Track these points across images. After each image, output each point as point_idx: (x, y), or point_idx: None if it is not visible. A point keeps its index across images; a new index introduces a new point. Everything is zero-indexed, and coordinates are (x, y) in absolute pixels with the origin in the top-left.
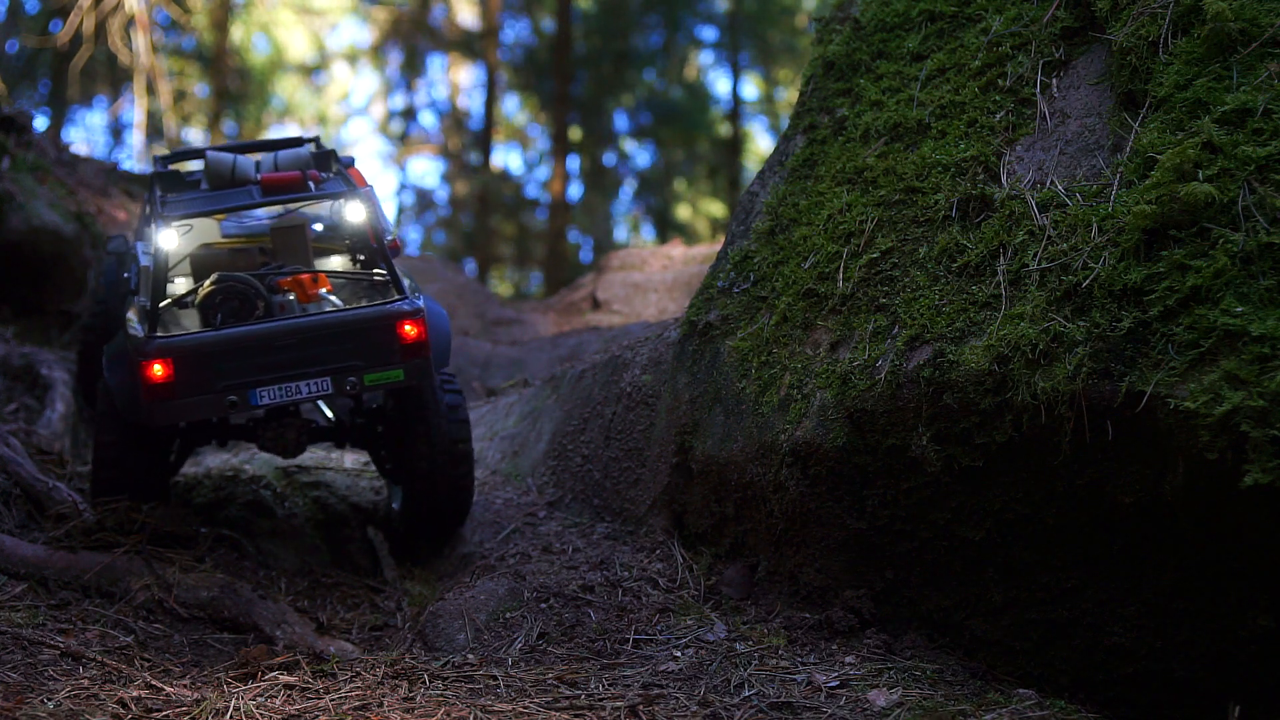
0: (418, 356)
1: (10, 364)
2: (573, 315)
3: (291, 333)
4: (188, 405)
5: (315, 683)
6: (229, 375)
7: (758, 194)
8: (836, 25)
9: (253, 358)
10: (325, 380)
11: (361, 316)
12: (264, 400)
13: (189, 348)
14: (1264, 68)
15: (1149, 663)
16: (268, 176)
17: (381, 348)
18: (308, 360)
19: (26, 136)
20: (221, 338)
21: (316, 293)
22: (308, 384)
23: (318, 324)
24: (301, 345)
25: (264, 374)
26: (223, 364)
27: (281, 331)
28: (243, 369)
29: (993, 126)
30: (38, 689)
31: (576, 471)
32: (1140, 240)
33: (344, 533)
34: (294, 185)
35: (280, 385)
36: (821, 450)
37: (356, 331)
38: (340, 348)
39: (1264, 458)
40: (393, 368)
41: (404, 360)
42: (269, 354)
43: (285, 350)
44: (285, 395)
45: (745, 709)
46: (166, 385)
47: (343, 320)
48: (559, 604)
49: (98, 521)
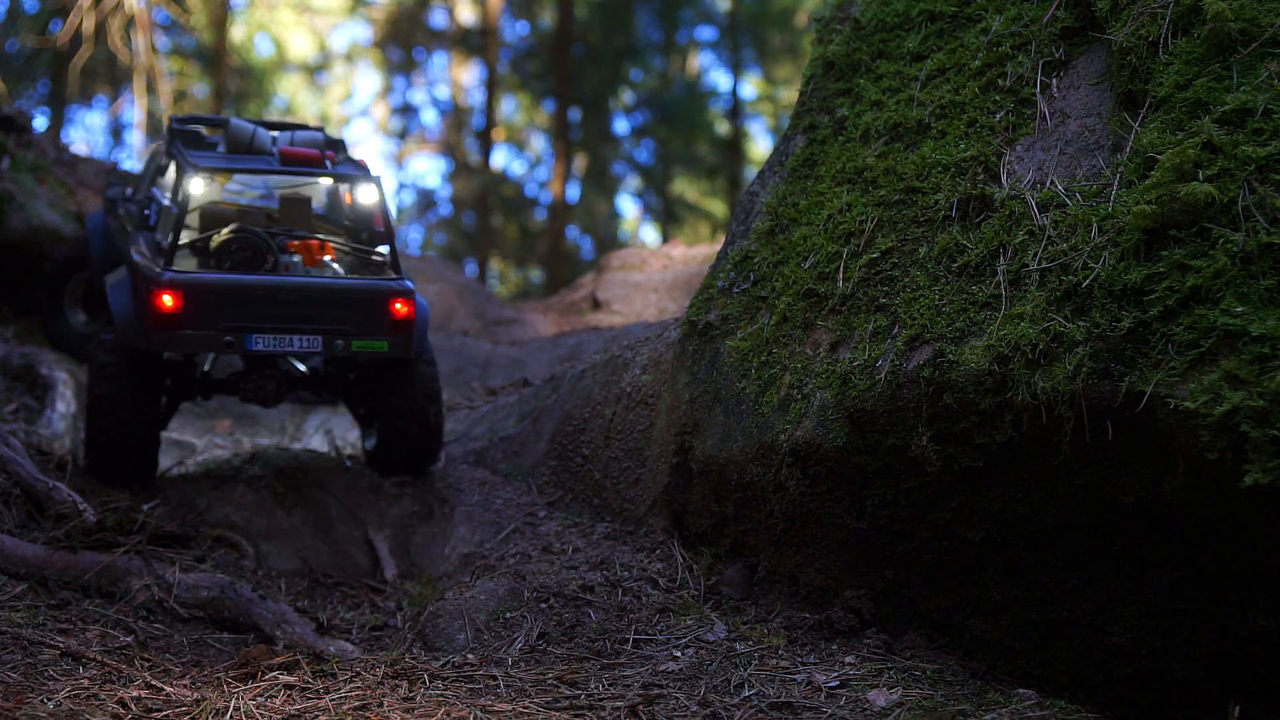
0: (404, 332)
1: (10, 364)
2: (573, 315)
3: (294, 289)
4: (189, 338)
5: (315, 683)
6: (231, 317)
7: (758, 194)
8: (836, 25)
9: (255, 305)
10: (317, 339)
11: (360, 287)
12: (258, 346)
13: (199, 284)
14: (1264, 68)
15: (1149, 663)
16: (287, 149)
17: (373, 319)
18: (304, 318)
19: (26, 136)
20: (230, 281)
21: (321, 259)
22: (300, 339)
23: (319, 286)
24: (301, 303)
25: (262, 322)
26: (227, 306)
27: (285, 286)
28: (244, 314)
29: (993, 126)
30: (38, 689)
31: (576, 471)
32: (1140, 240)
33: (344, 533)
34: (312, 160)
35: (275, 335)
36: (821, 450)
37: (353, 300)
38: (336, 312)
39: (1264, 458)
40: (380, 338)
41: (391, 333)
42: (270, 305)
43: (285, 304)
44: (278, 346)
45: (745, 709)
46: (173, 316)
47: (343, 287)
48: (559, 604)
49: (98, 521)
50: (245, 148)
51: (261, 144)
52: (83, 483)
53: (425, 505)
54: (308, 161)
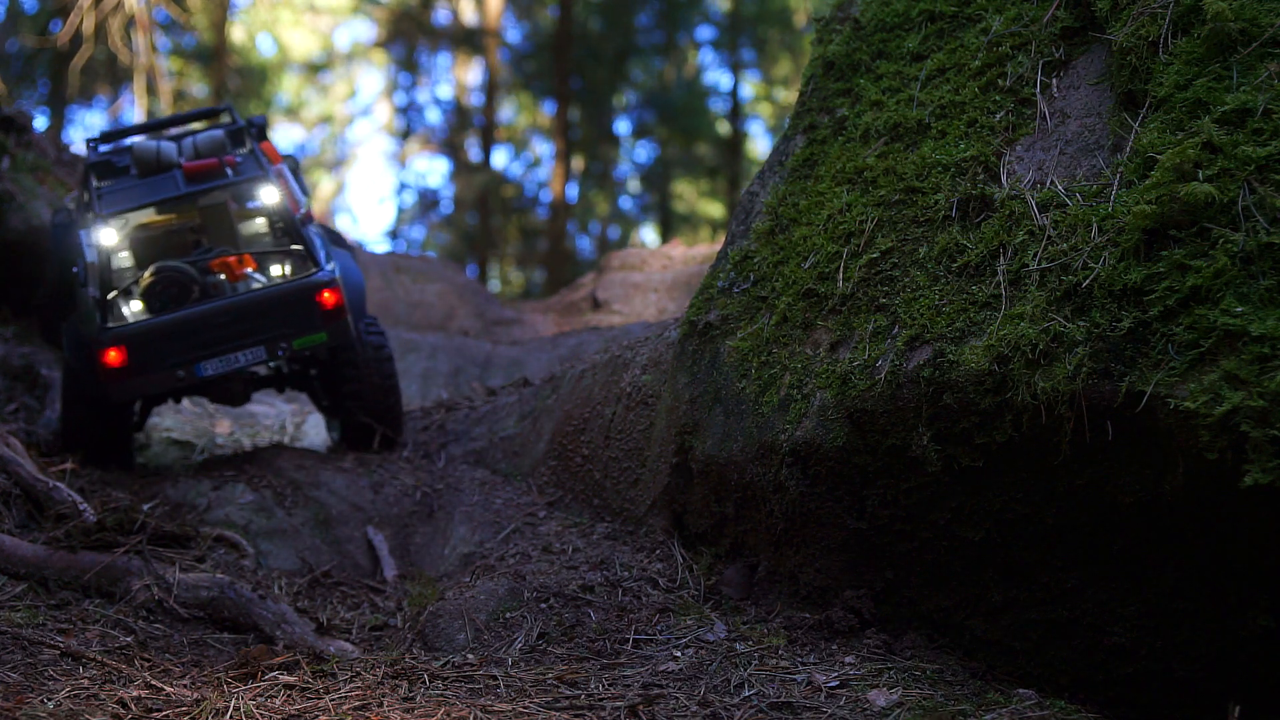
0: (337, 319)
1: (10, 364)
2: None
3: (225, 311)
4: (142, 383)
5: (315, 683)
6: (176, 353)
7: (758, 194)
8: (836, 25)
9: (195, 336)
10: (259, 349)
11: (285, 291)
12: (208, 372)
13: (139, 334)
14: (1264, 68)
15: (1149, 663)
16: (189, 165)
17: (305, 316)
18: (242, 333)
19: (26, 136)
20: (166, 322)
21: (244, 272)
22: (244, 354)
23: (247, 302)
24: (236, 321)
25: (206, 349)
26: (169, 344)
27: (217, 311)
28: (187, 346)
29: (993, 126)
30: (38, 689)
31: (576, 471)
32: (1140, 240)
33: (344, 533)
34: (213, 172)
35: (220, 357)
36: (821, 450)
37: (282, 304)
38: (269, 319)
39: (1264, 458)
40: (316, 332)
41: (325, 324)
42: (208, 331)
43: (222, 327)
44: (226, 365)
45: (745, 709)
46: (123, 369)
47: (269, 296)
48: (559, 604)
49: (98, 522)
50: (153, 167)
51: (169, 158)
52: (83, 483)
53: (425, 505)
54: (208, 173)
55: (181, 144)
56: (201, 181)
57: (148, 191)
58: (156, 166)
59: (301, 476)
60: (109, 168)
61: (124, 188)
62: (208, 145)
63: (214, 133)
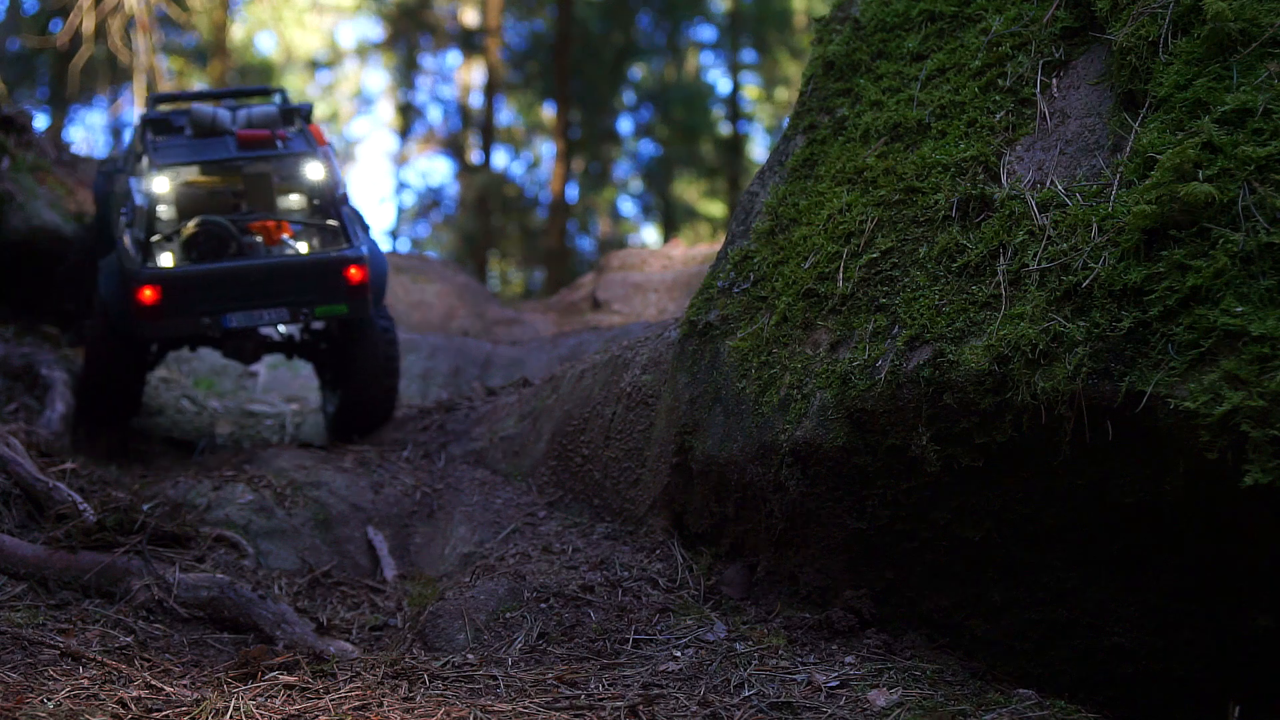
0: (360, 295)
1: (10, 364)
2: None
3: (258, 270)
4: (170, 324)
5: (315, 683)
6: (206, 301)
7: (758, 194)
8: (836, 25)
9: (226, 289)
10: (283, 310)
11: (316, 260)
12: (232, 324)
13: (175, 277)
14: (1264, 68)
15: (1149, 663)
16: (243, 133)
17: (331, 287)
18: (270, 293)
19: (26, 136)
20: (201, 271)
21: (280, 237)
22: (268, 312)
23: (280, 265)
24: (266, 281)
25: (234, 302)
26: (201, 292)
27: (250, 269)
28: (217, 297)
29: (993, 126)
30: (38, 689)
31: (576, 471)
32: (1140, 240)
33: (344, 533)
34: (264, 142)
35: (246, 312)
36: (821, 450)
37: (311, 272)
38: (297, 284)
39: (1264, 458)
40: (339, 303)
41: (349, 298)
42: (239, 286)
43: (252, 284)
44: (250, 321)
45: (745, 709)
46: (155, 307)
47: (300, 263)
48: (559, 604)
49: (98, 522)
50: (208, 130)
51: (222, 125)
52: (83, 483)
53: (425, 505)
54: (261, 143)
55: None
56: (254, 149)
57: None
58: (210, 130)
59: (301, 476)
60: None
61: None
62: (261, 118)
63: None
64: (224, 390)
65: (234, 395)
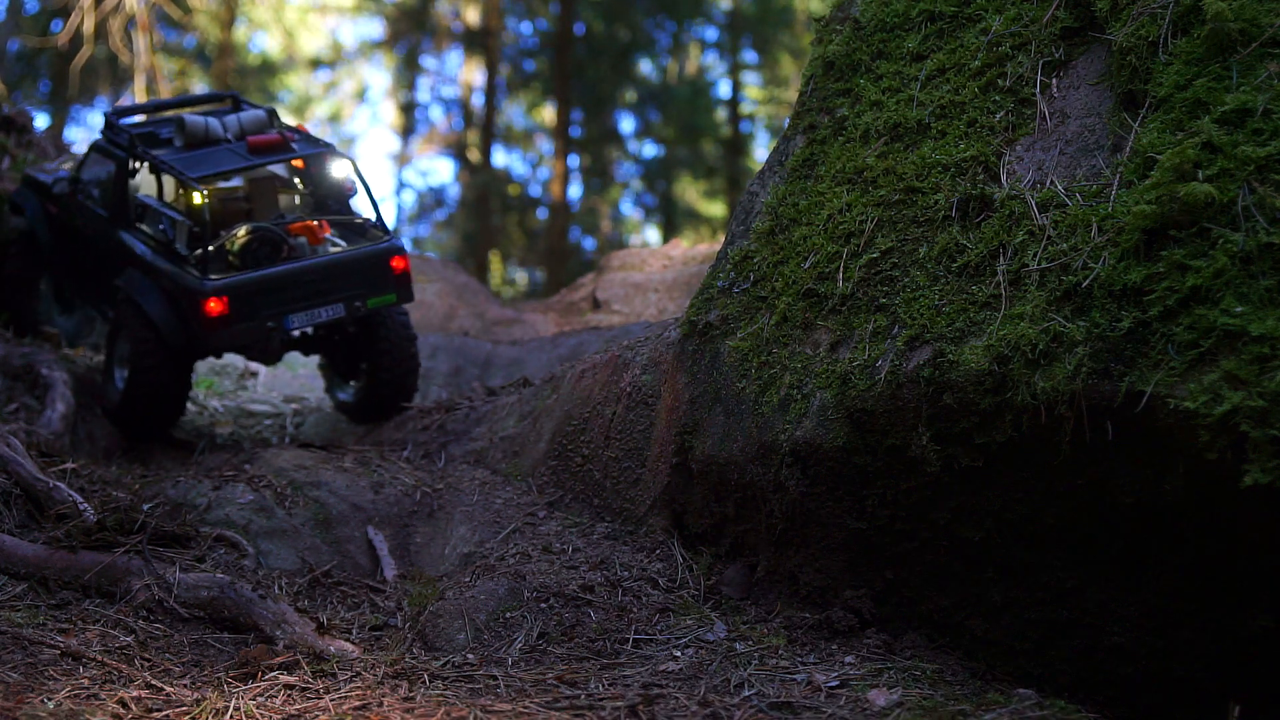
0: (405, 283)
1: (10, 364)
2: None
3: (315, 270)
4: (239, 331)
5: (315, 683)
6: (269, 307)
7: (758, 194)
8: (836, 25)
9: (286, 292)
10: (339, 305)
11: (366, 254)
12: (295, 325)
13: (240, 286)
14: (1264, 68)
15: (1149, 663)
16: (254, 139)
17: (380, 278)
18: (326, 291)
19: (27, 136)
20: (263, 276)
21: (323, 236)
22: (326, 310)
23: (334, 262)
24: (322, 280)
25: (294, 304)
26: (265, 298)
27: (307, 270)
28: (279, 301)
29: (993, 126)
30: (38, 689)
31: (576, 471)
32: (1140, 240)
33: (344, 532)
34: (279, 146)
35: (306, 312)
36: (821, 450)
37: (363, 267)
38: (350, 280)
39: (1264, 458)
40: (389, 292)
41: (396, 286)
42: (298, 288)
43: (310, 284)
44: (310, 320)
45: (745, 709)
46: (223, 317)
47: (352, 258)
48: (559, 604)
49: (98, 521)
50: (203, 140)
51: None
52: (83, 483)
53: (425, 505)
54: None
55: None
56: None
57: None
58: (205, 140)
59: (301, 476)
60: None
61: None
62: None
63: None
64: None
65: (234, 395)
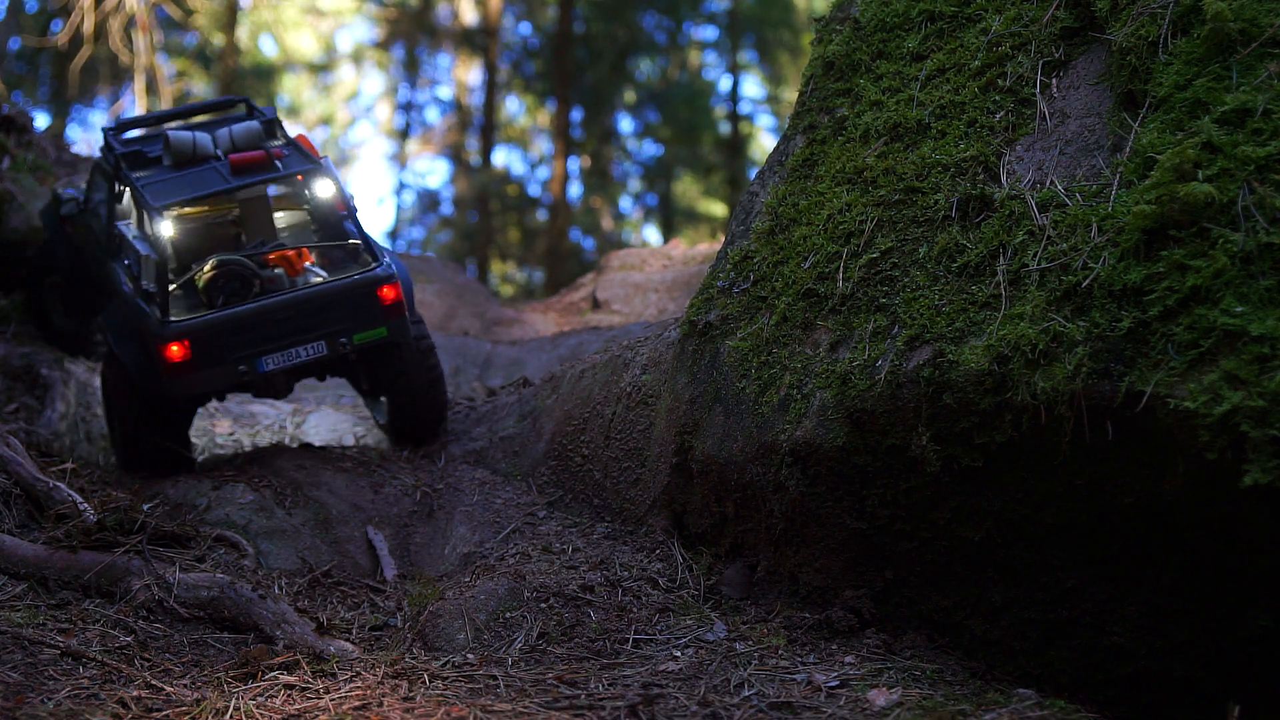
0: (397, 315)
1: (10, 364)
2: (573, 315)
3: (288, 306)
4: (204, 377)
5: (315, 683)
6: (238, 348)
7: (758, 194)
8: (836, 25)
9: (257, 331)
10: (320, 344)
11: (347, 286)
12: (270, 367)
13: (203, 328)
14: (1264, 68)
15: (1149, 663)
16: (235, 157)
17: (366, 311)
18: (304, 328)
19: (27, 136)
20: (229, 316)
21: (303, 266)
22: (305, 348)
23: (310, 296)
24: (298, 316)
25: (268, 344)
26: (233, 339)
27: (280, 306)
28: (249, 341)
29: (993, 126)
30: (38, 689)
31: (576, 471)
32: (1140, 240)
33: (344, 532)
34: (262, 164)
35: (282, 352)
36: (821, 450)
37: (344, 299)
38: (331, 314)
39: (1264, 458)
40: (377, 327)
41: (386, 319)
42: (271, 326)
43: (284, 322)
44: (287, 360)
45: (745, 709)
46: (185, 363)
47: (331, 291)
48: (559, 604)
49: (98, 521)
50: (190, 158)
51: (204, 150)
52: (83, 483)
53: (425, 505)
54: (258, 165)
55: (216, 135)
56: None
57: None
58: (193, 158)
59: (301, 476)
60: (140, 158)
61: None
62: (246, 137)
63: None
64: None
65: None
